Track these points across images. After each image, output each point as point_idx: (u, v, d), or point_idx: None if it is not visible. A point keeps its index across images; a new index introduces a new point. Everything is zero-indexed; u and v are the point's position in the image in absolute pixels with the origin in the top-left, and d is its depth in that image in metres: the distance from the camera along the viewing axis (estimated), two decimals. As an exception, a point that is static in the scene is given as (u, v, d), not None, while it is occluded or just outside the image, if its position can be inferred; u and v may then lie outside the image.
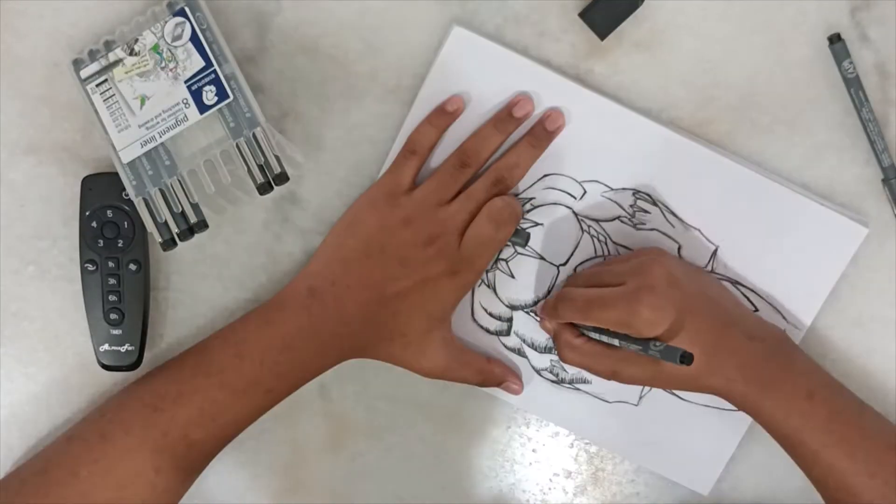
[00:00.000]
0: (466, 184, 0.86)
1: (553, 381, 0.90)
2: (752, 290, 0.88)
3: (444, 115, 0.86)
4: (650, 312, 0.79)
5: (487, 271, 0.89)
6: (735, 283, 0.88)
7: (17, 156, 0.88)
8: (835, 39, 0.86)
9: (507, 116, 0.86)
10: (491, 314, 0.90)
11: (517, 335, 0.90)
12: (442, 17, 0.87)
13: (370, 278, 0.85)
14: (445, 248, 0.85)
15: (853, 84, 0.86)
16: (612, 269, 0.84)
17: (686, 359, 0.75)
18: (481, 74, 0.86)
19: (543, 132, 0.86)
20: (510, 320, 0.90)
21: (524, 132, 0.87)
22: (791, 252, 0.87)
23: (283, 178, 0.84)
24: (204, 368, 0.84)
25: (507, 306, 0.89)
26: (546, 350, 0.90)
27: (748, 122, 0.88)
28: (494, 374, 0.89)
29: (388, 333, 0.86)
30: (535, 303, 0.89)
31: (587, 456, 0.92)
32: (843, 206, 0.88)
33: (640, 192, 0.87)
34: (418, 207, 0.85)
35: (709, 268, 0.88)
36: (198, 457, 0.84)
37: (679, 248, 0.88)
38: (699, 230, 0.87)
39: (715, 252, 0.87)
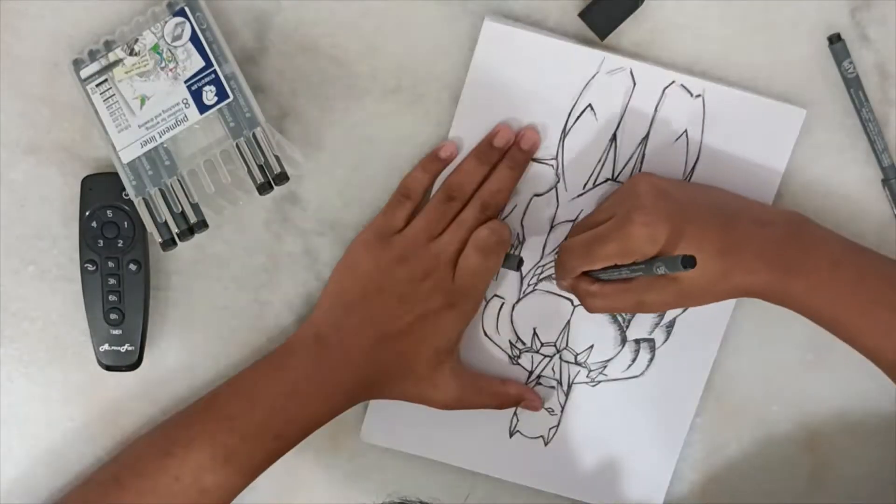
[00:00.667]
0: (455, 216, 0.87)
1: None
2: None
3: (436, 160, 0.87)
4: (644, 229, 0.79)
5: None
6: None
7: (18, 156, 0.88)
8: (835, 39, 0.86)
9: (487, 148, 0.87)
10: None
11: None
12: (442, 18, 0.87)
13: (372, 319, 0.85)
14: (441, 281, 0.85)
15: (853, 84, 0.86)
16: (601, 207, 0.85)
17: (688, 262, 0.74)
18: (519, 62, 0.86)
19: (520, 153, 0.87)
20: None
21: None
22: (738, 146, 0.87)
23: (283, 178, 0.84)
24: (214, 414, 0.85)
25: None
26: None
27: (748, 122, 0.88)
28: (511, 396, 0.89)
29: (397, 372, 0.86)
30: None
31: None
32: (781, 96, 0.87)
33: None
34: (411, 244, 0.86)
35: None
36: (210, 500, 0.84)
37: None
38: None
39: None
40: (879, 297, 0.80)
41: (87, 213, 0.86)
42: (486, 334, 0.90)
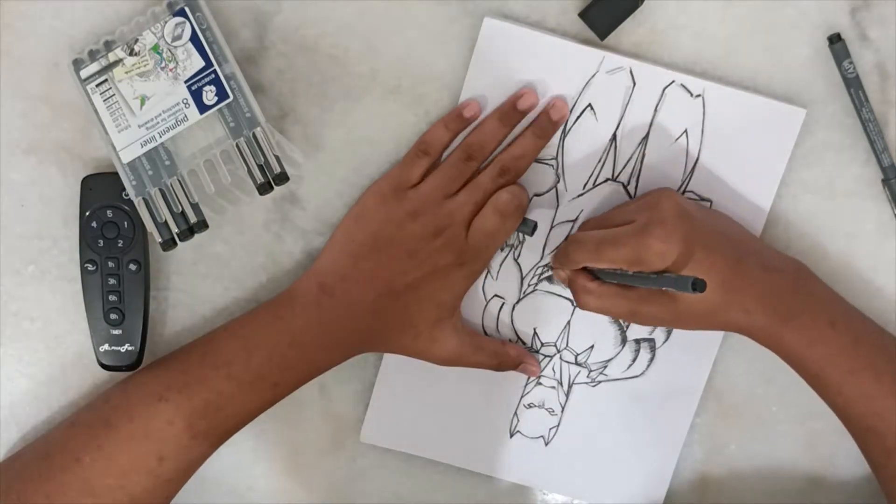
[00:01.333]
0: (472, 176, 0.87)
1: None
2: (708, 185, 0.88)
3: (459, 119, 0.87)
4: (660, 244, 0.79)
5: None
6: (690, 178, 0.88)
7: (18, 156, 0.88)
8: (835, 39, 0.86)
9: (511, 109, 0.86)
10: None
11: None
12: (442, 18, 0.87)
13: (379, 272, 0.85)
14: (453, 239, 0.85)
15: (853, 84, 0.86)
16: (621, 210, 0.85)
17: (698, 285, 0.74)
18: (518, 61, 0.86)
19: (548, 122, 0.86)
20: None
21: (528, 122, 0.87)
22: (738, 146, 0.87)
23: (283, 178, 0.84)
24: (211, 360, 0.84)
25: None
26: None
27: (748, 122, 0.88)
28: (510, 357, 0.89)
29: (398, 325, 0.86)
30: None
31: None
32: (781, 96, 0.87)
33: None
34: (425, 200, 0.86)
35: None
36: (200, 448, 0.84)
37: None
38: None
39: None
40: (868, 363, 0.82)
41: (88, 213, 0.86)
42: (486, 334, 0.90)
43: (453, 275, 0.86)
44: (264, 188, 0.84)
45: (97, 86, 0.84)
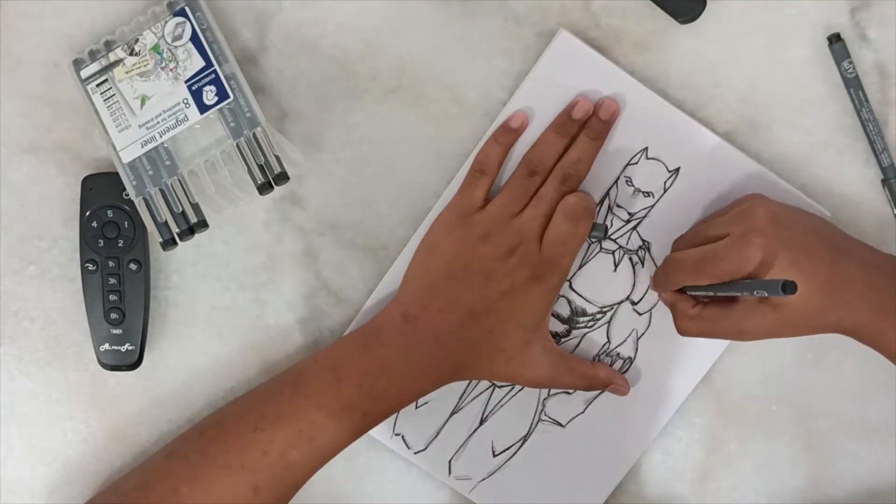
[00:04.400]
0: (535, 191, 0.87)
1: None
2: None
3: (508, 132, 0.87)
4: (760, 253, 0.78)
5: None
6: None
7: (18, 156, 0.88)
8: (834, 39, 0.86)
9: (566, 120, 0.86)
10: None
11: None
12: (442, 18, 0.87)
13: (459, 298, 0.85)
14: (527, 255, 0.85)
15: (853, 84, 0.86)
16: (713, 224, 0.84)
17: (788, 287, 0.73)
18: (579, 81, 0.86)
19: (599, 123, 0.86)
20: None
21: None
22: None
23: (283, 177, 0.84)
24: (303, 391, 0.84)
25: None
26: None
27: (748, 122, 0.88)
28: (600, 378, 0.89)
29: (486, 352, 0.86)
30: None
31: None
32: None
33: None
34: (494, 221, 0.85)
35: None
36: (293, 479, 0.84)
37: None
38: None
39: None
40: None
41: (88, 213, 0.87)
42: None
43: (532, 291, 0.85)
44: (264, 188, 0.84)
45: (97, 86, 0.84)
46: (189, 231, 0.84)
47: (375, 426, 0.85)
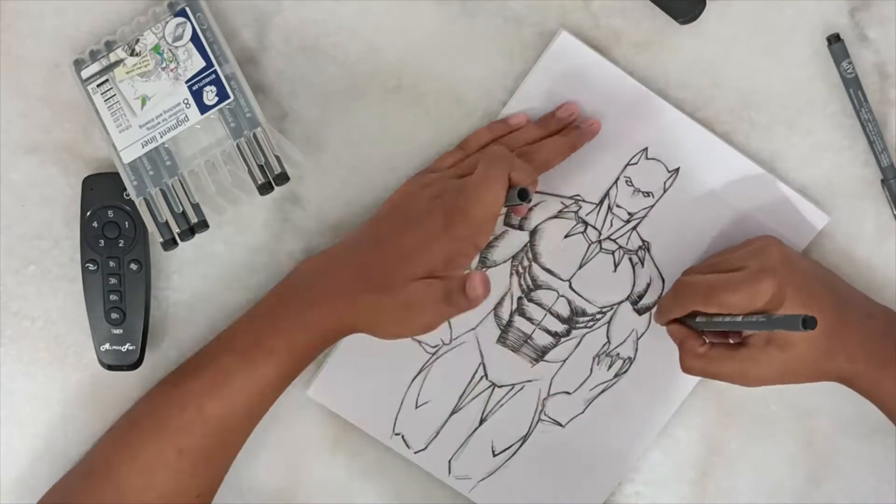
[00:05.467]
0: None
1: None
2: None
3: (503, 124, 0.87)
4: (773, 290, 0.79)
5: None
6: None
7: (19, 156, 0.88)
8: (834, 40, 0.86)
9: (549, 117, 0.87)
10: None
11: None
12: (442, 18, 0.87)
13: (377, 234, 0.84)
14: (448, 203, 0.81)
15: (852, 84, 0.86)
16: (726, 257, 0.85)
17: (809, 322, 0.73)
18: (579, 81, 0.87)
19: (579, 136, 0.86)
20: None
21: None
22: (757, 226, 0.88)
23: (283, 178, 0.84)
24: (224, 341, 0.85)
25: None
26: None
27: (747, 122, 0.88)
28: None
29: (378, 283, 0.81)
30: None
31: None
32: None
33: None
34: (442, 175, 0.86)
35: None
36: (216, 436, 0.82)
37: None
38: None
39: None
40: None
41: (89, 213, 0.87)
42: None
43: (437, 236, 0.80)
44: (265, 188, 0.84)
45: (98, 86, 0.84)
46: (189, 231, 0.84)
47: (287, 373, 0.83)
